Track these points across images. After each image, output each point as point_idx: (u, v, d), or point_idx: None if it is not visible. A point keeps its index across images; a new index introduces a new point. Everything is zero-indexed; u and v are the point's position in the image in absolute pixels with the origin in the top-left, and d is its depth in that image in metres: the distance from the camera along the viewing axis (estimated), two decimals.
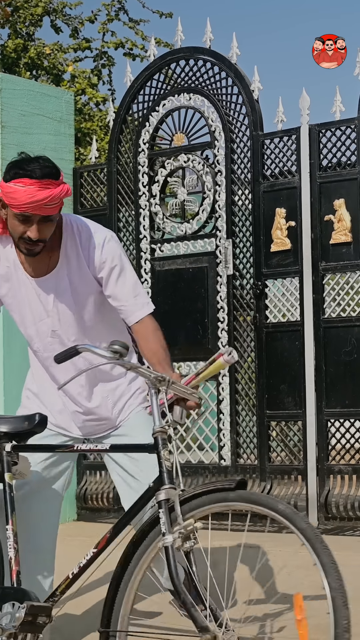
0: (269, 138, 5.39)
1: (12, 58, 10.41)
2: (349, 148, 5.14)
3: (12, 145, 5.77)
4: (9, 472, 2.92)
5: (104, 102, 10.47)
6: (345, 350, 5.06)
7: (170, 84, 5.83)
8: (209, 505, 2.52)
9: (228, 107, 5.55)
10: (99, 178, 6.06)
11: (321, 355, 5.12)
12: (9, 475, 2.92)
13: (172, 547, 2.47)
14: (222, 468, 5.44)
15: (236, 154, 5.51)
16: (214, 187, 5.54)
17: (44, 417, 2.98)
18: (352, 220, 5.05)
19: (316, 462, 5.10)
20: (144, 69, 5.93)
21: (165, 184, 5.79)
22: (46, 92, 6.07)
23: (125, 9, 10.96)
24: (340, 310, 5.19)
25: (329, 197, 5.15)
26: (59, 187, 2.91)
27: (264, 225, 5.36)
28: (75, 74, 10.55)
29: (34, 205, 2.85)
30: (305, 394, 5.14)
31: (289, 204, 5.28)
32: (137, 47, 10.80)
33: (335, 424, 5.12)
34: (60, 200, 2.92)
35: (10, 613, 2.66)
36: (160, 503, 2.53)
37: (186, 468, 5.59)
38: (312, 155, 5.21)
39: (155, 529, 2.57)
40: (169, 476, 2.57)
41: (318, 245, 5.16)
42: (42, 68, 10.52)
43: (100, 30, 10.93)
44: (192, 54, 5.69)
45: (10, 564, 2.80)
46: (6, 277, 3.09)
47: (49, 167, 2.91)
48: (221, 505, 2.53)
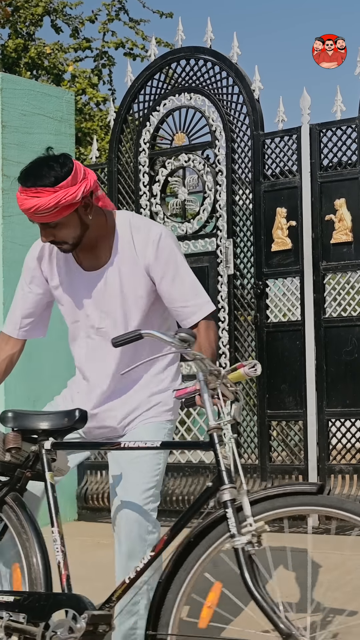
0: (269, 138, 5.39)
1: (13, 58, 10.42)
2: (350, 148, 5.14)
3: (12, 144, 5.77)
4: (50, 471, 2.78)
5: (104, 102, 10.48)
6: (346, 349, 5.06)
7: (170, 84, 5.83)
8: (287, 507, 2.43)
9: (229, 107, 5.55)
10: (100, 178, 6.06)
11: (322, 355, 5.12)
12: (51, 474, 2.78)
13: (243, 549, 2.37)
14: None
15: (237, 154, 5.51)
16: (215, 186, 5.54)
17: (84, 412, 2.81)
18: (353, 220, 5.05)
19: (317, 461, 5.10)
20: (145, 69, 5.93)
21: (166, 183, 5.78)
22: (47, 92, 6.07)
23: (125, 8, 10.98)
24: (341, 309, 5.19)
25: (330, 196, 5.15)
26: (52, 196, 2.76)
27: (265, 224, 5.35)
28: (75, 74, 10.56)
29: (25, 213, 2.82)
30: (306, 394, 5.14)
31: (290, 203, 5.27)
32: (137, 47, 10.80)
33: (336, 423, 5.12)
34: (56, 208, 2.78)
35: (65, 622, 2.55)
36: (226, 503, 2.41)
37: (187, 468, 5.59)
38: (312, 155, 5.21)
39: (218, 530, 2.46)
40: (228, 475, 2.46)
41: (319, 244, 5.16)
42: (42, 68, 10.52)
43: (101, 30, 10.94)
44: (193, 54, 5.69)
45: (59, 568, 2.67)
46: (58, 269, 3.03)
47: (46, 175, 2.79)
48: (301, 509, 2.45)
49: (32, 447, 2.84)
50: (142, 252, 2.92)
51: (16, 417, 2.86)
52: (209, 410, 2.51)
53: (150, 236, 2.92)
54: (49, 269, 3.04)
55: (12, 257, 5.68)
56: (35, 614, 2.64)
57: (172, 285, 2.92)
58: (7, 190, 5.71)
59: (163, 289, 2.94)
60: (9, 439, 2.82)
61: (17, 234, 5.71)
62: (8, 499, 2.85)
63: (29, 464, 2.84)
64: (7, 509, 2.85)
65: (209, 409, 2.51)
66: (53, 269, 3.04)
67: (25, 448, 2.84)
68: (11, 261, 5.68)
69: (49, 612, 2.61)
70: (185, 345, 2.49)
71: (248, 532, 2.38)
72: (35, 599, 2.66)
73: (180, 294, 2.93)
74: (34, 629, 2.62)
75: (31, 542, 2.78)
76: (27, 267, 3.10)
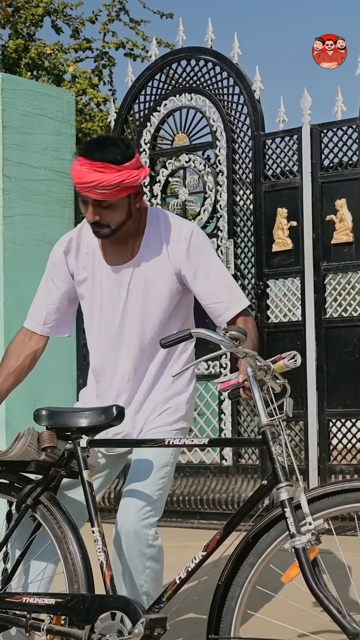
0: (270, 138, 5.39)
1: (13, 58, 10.42)
2: (351, 148, 5.13)
3: (13, 145, 5.77)
4: (87, 470, 2.70)
5: (104, 103, 10.47)
6: (346, 350, 5.06)
7: (171, 84, 5.83)
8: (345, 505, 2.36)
9: (229, 107, 5.55)
10: None
11: (323, 355, 5.12)
12: (88, 472, 2.70)
13: (304, 549, 2.32)
14: (223, 468, 5.43)
15: (237, 154, 5.51)
16: (216, 187, 5.54)
17: (121, 409, 2.73)
18: (354, 220, 5.05)
19: (318, 462, 5.10)
20: (145, 69, 5.93)
21: (167, 184, 5.78)
22: (47, 92, 6.07)
23: (126, 9, 10.97)
24: (341, 310, 5.19)
25: (331, 197, 5.15)
26: (117, 174, 2.71)
27: (266, 225, 5.35)
28: (76, 74, 10.56)
29: (82, 187, 2.73)
30: (307, 394, 5.14)
31: (291, 204, 5.27)
32: (137, 48, 10.80)
33: (337, 424, 5.11)
34: (117, 187, 2.72)
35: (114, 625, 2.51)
36: (284, 502, 2.36)
37: (187, 468, 5.59)
38: (313, 155, 5.21)
39: (276, 529, 2.41)
40: (283, 472, 2.40)
41: (319, 245, 5.16)
42: (42, 68, 10.52)
43: (101, 31, 10.94)
44: (194, 54, 5.69)
45: (102, 569, 2.61)
46: (84, 264, 2.97)
47: (113, 152, 2.73)
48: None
49: (66, 444, 2.76)
50: (173, 249, 2.88)
51: (51, 415, 2.78)
52: (260, 406, 2.45)
53: (181, 233, 2.88)
54: (75, 264, 2.98)
55: (12, 258, 5.68)
56: (80, 616, 2.57)
57: (206, 282, 2.87)
58: (8, 191, 5.70)
59: (196, 286, 2.88)
60: (44, 438, 2.75)
61: (17, 234, 5.71)
62: (43, 498, 2.78)
63: (64, 462, 2.77)
64: (42, 508, 2.78)
65: (260, 406, 2.45)
66: (79, 263, 2.98)
67: (59, 446, 2.76)
68: (11, 261, 5.68)
69: (95, 614, 2.55)
70: (236, 343, 2.44)
71: (307, 531, 2.33)
72: (80, 602, 2.59)
73: (213, 290, 2.87)
74: (79, 632, 2.56)
75: (70, 543, 2.70)
76: (52, 262, 3.02)
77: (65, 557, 2.70)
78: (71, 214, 6.07)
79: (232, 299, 2.88)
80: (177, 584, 2.52)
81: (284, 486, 2.38)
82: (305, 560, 2.31)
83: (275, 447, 2.42)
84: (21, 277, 5.72)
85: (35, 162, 5.89)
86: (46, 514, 2.77)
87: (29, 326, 3.09)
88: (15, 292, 5.67)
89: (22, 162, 5.83)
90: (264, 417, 2.45)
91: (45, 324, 3.07)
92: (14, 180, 5.76)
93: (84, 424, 2.72)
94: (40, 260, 6.08)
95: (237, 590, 2.44)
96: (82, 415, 2.74)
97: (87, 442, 2.73)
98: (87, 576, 2.66)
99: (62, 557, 2.70)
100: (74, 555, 2.68)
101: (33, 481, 2.86)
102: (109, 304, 2.93)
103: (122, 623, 2.52)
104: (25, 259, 5.74)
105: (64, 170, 6.06)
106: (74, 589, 2.65)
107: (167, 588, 2.54)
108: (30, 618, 2.67)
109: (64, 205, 6.03)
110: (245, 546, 2.44)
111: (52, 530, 2.75)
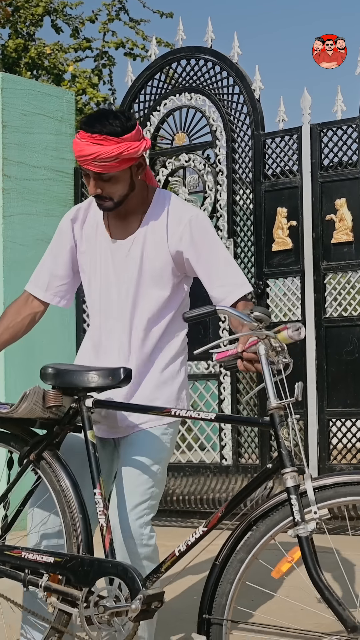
0: (270, 137, 5.39)
1: (13, 58, 10.42)
2: (350, 147, 5.14)
3: (13, 144, 5.77)
4: (91, 430, 2.67)
5: (104, 102, 10.46)
6: (346, 349, 5.06)
7: (171, 84, 5.83)
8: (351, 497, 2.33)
9: (229, 107, 5.55)
10: None
11: (322, 354, 5.12)
12: (92, 433, 2.67)
13: (307, 538, 2.30)
14: (223, 468, 5.44)
15: (237, 154, 5.51)
16: (215, 186, 5.54)
17: (129, 371, 2.68)
18: (354, 220, 5.05)
19: (317, 461, 5.10)
20: (145, 69, 5.93)
21: (167, 183, 5.78)
22: (47, 92, 6.07)
23: (125, 8, 10.96)
24: (341, 309, 5.19)
25: (331, 196, 5.15)
26: (115, 146, 2.72)
27: (266, 224, 5.35)
28: (75, 74, 10.55)
29: (82, 160, 2.75)
30: (307, 394, 5.14)
31: (291, 203, 5.27)
32: (137, 47, 10.79)
33: (337, 423, 5.11)
34: (116, 159, 2.73)
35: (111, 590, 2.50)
36: (290, 489, 2.34)
37: (187, 468, 5.59)
38: (313, 155, 5.21)
39: (278, 514, 2.38)
40: (289, 458, 2.38)
41: (319, 244, 5.16)
42: (42, 68, 10.52)
43: (101, 30, 10.93)
44: (193, 54, 5.69)
45: (102, 532, 2.59)
46: (88, 235, 2.99)
47: (113, 124, 2.74)
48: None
49: (72, 402, 2.74)
50: (173, 230, 2.88)
51: (58, 374, 2.75)
52: (270, 389, 2.42)
53: (184, 216, 2.89)
54: (79, 233, 3.01)
55: (12, 257, 5.68)
56: (78, 578, 2.57)
57: (208, 266, 2.87)
58: (8, 190, 5.71)
59: (200, 269, 2.88)
60: (50, 397, 2.73)
61: (17, 233, 5.71)
62: (46, 454, 2.76)
63: (68, 419, 2.75)
64: (44, 464, 2.76)
65: (271, 388, 2.42)
66: (83, 233, 3.00)
67: (65, 403, 2.74)
68: (11, 261, 5.68)
69: (93, 578, 2.55)
70: (260, 325, 2.42)
71: (312, 519, 2.31)
72: (78, 563, 2.59)
73: (216, 274, 2.87)
74: (77, 592, 2.57)
75: (70, 498, 2.69)
76: (60, 231, 3.04)
77: (64, 511, 2.69)
78: None
79: (236, 282, 2.87)
80: (176, 556, 2.52)
81: (289, 472, 2.37)
82: (308, 548, 2.29)
83: (283, 431, 2.40)
84: (21, 276, 5.69)
85: (35, 162, 5.89)
86: (47, 469, 2.76)
87: (31, 290, 3.11)
88: (15, 291, 5.62)
89: (21, 162, 5.83)
90: (273, 399, 2.42)
91: (48, 290, 3.07)
92: (14, 179, 5.76)
93: (91, 385, 2.69)
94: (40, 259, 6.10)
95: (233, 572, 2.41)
96: (90, 375, 2.71)
97: (92, 402, 2.70)
98: (86, 537, 2.66)
99: (61, 511, 2.70)
100: (74, 510, 2.68)
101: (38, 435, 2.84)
102: (106, 276, 2.94)
103: (119, 589, 2.51)
104: (25, 258, 5.74)
105: (63, 170, 6.06)
106: (71, 545, 2.64)
107: (166, 559, 2.54)
108: (29, 574, 2.67)
109: (64, 205, 6.03)
110: (245, 528, 2.43)
111: (51, 485, 2.74)
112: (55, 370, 2.75)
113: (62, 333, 5.81)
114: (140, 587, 2.46)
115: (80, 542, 2.64)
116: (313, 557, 2.29)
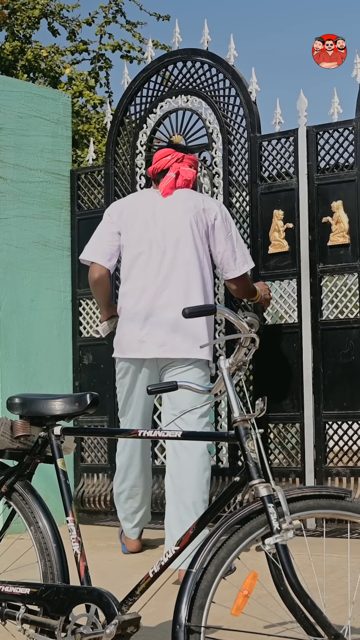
0: (266, 140, 5.39)
1: (9, 60, 10.42)
2: (347, 150, 5.13)
3: (9, 147, 5.77)
4: (61, 458, 2.69)
5: (101, 105, 10.48)
6: (343, 352, 5.05)
7: (167, 86, 5.82)
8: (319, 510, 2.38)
9: (225, 109, 5.55)
10: (97, 180, 6.06)
11: (319, 357, 5.11)
12: (62, 461, 2.69)
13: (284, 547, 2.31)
14: (219, 470, 5.43)
15: (234, 156, 5.51)
16: (212, 189, 5.54)
17: (95, 396, 2.72)
18: (350, 222, 5.05)
19: (314, 464, 5.09)
20: (142, 71, 5.92)
21: None
22: (43, 94, 6.07)
23: (122, 11, 10.98)
24: (338, 312, 5.18)
25: (327, 198, 5.14)
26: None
27: (262, 227, 5.35)
28: (72, 76, 10.56)
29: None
30: (303, 396, 5.13)
31: (287, 205, 5.27)
32: (134, 50, 10.81)
33: (333, 426, 5.11)
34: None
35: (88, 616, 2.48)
36: (264, 499, 2.35)
37: None
38: (309, 157, 5.21)
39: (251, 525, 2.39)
40: (256, 470, 2.40)
41: (316, 247, 5.15)
42: (39, 70, 10.52)
43: (98, 33, 10.94)
44: (190, 56, 5.68)
45: (77, 558, 2.60)
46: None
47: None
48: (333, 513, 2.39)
49: (40, 432, 2.75)
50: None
51: (24, 404, 2.76)
52: (234, 402, 2.45)
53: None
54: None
55: (8, 260, 5.67)
56: (54, 607, 2.56)
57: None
58: (4, 192, 5.70)
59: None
60: (18, 427, 2.75)
61: (13, 236, 5.70)
62: (17, 486, 2.76)
63: (38, 449, 2.76)
64: (16, 496, 2.76)
65: (234, 401, 2.45)
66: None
67: (33, 432, 2.75)
68: (7, 263, 5.67)
69: (69, 606, 2.54)
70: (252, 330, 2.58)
71: (288, 529, 2.31)
72: (54, 592, 2.58)
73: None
74: (53, 622, 2.55)
75: (44, 531, 2.69)
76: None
77: (39, 545, 2.69)
78: (67, 215, 6.06)
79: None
80: (151, 577, 2.51)
81: (257, 483, 2.38)
82: (286, 557, 2.30)
83: (248, 444, 2.41)
84: (17, 279, 5.71)
85: (31, 164, 5.88)
86: (20, 501, 2.76)
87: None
88: (12, 294, 5.66)
89: (18, 164, 5.82)
90: (237, 412, 2.45)
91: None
92: (10, 182, 5.76)
93: (58, 412, 2.70)
94: (36, 262, 6.10)
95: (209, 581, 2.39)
96: (56, 403, 2.72)
97: (61, 430, 2.71)
98: (61, 566, 2.66)
99: (36, 545, 2.69)
100: (49, 544, 2.67)
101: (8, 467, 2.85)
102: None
103: (96, 615, 2.50)
104: (22, 261, 5.73)
105: (60, 172, 6.06)
106: (48, 578, 2.63)
107: (141, 582, 2.53)
108: (6, 607, 2.66)
109: (60, 207, 6.02)
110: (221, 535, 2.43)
111: (25, 518, 2.74)
112: (21, 399, 2.77)
113: (58, 342, 5.79)
114: (116, 611, 2.45)
115: (55, 570, 2.64)
116: (292, 565, 2.29)
